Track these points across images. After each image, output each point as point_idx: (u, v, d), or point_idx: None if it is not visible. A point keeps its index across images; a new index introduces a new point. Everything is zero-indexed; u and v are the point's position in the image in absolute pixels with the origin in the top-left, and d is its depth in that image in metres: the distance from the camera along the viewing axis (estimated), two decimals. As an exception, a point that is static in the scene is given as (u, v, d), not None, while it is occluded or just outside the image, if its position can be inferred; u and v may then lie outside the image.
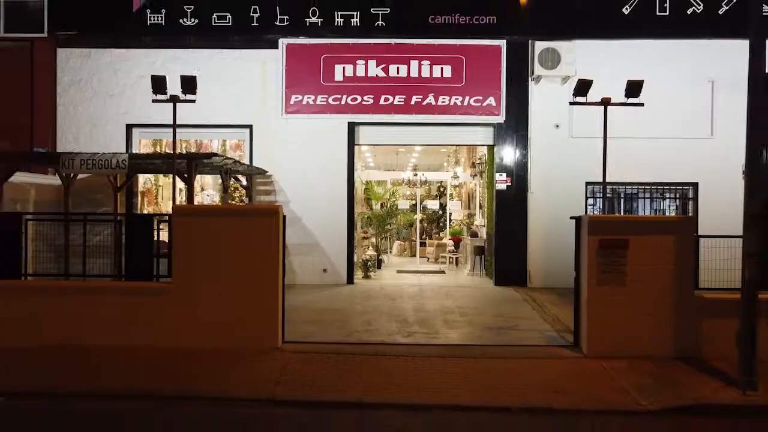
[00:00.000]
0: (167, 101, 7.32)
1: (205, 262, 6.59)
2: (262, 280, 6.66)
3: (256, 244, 6.65)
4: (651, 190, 11.80)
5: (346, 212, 11.55)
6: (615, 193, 11.80)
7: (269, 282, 6.69)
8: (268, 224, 6.69)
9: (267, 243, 6.66)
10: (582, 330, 6.77)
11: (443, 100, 11.37)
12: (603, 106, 7.55)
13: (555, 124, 11.39)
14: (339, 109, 11.42)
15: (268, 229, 6.68)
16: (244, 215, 6.72)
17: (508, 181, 11.45)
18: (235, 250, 6.63)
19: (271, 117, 11.47)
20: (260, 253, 6.65)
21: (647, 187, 11.71)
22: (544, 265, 11.40)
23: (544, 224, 11.40)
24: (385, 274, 13.28)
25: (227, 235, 6.64)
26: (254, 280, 6.64)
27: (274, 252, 6.68)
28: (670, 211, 11.99)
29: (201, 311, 6.58)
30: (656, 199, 12.02)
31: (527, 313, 9.02)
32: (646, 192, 11.82)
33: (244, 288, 6.62)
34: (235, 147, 12.32)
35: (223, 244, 6.63)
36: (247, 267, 6.62)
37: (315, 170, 11.47)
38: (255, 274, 6.64)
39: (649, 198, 12.00)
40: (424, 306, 9.40)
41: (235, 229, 6.66)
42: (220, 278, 6.60)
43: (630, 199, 11.98)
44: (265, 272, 6.67)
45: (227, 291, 6.60)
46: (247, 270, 6.62)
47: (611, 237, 6.51)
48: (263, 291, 6.67)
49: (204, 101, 11.38)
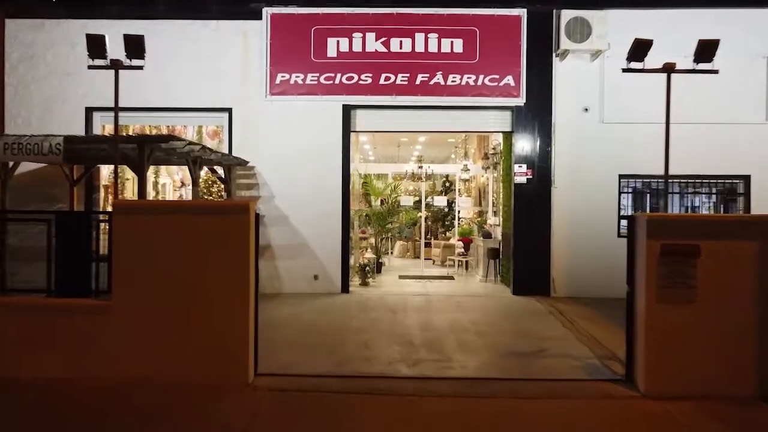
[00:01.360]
0: (107, 68, 5.96)
1: (154, 272, 5.25)
2: (229, 295, 5.32)
3: (221, 250, 5.30)
4: (693, 184, 10.43)
5: (341, 209, 10.20)
6: (648, 187, 10.44)
7: (237, 297, 5.34)
8: (237, 224, 5.34)
9: (235, 248, 5.31)
10: (637, 360, 5.42)
11: (453, 79, 10.00)
12: (666, 73, 6.16)
13: (583, 107, 10.02)
14: (332, 90, 10.06)
15: (236, 231, 5.33)
16: (205, 213, 5.38)
17: (528, 174, 10.08)
18: (193, 256, 5.29)
19: (253, 99, 10.12)
20: (226, 261, 5.30)
21: (688, 181, 10.34)
22: (570, 271, 10.05)
23: (569, 223, 10.05)
24: (385, 280, 11.93)
25: (184, 239, 5.30)
26: (218, 294, 5.29)
27: (244, 259, 5.33)
28: (708, 209, 10.63)
29: (147, 336, 5.24)
30: (687, 195, 10.65)
31: (557, 331, 7.66)
32: (689, 187, 10.45)
33: (205, 305, 5.28)
34: (213, 134, 10.97)
35: (178, 250, 5.28)
36: (208, 278, 5.28)
37: (304, 161, 10.13)
38: (219, 288, 5.30)
39: (679, 193, 10.65)
40: (431, 321, 8.04)
41: (195, 231, 5.31)
42: (174, 292, 5.26)
43: (664, 194, 10.61)
44: (232, 285, 5.32)
45: (182, 309, 5.26)
46: (208, 282, 5.28)
47: (677, 242, 5.15)
48: (229, 309, 5.32)
49: (176, 81, 10.10)
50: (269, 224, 10.14)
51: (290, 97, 10.07)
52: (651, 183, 10.35)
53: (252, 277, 5.45)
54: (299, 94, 10.07)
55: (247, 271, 5.36)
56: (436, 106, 10.15)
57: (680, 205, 10.81)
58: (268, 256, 10.10)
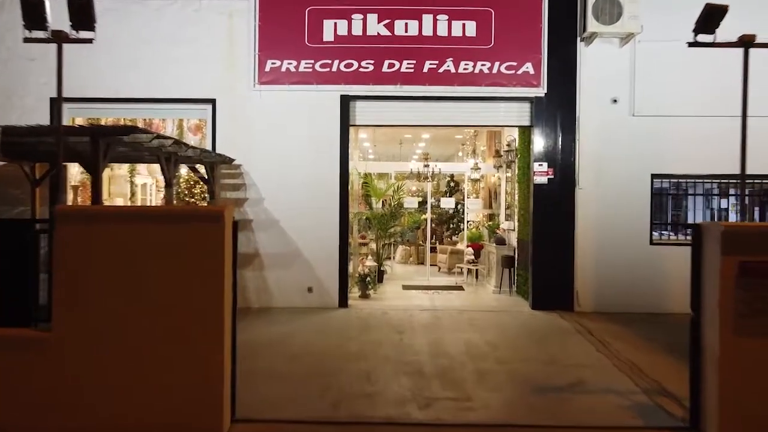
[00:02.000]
0: (47, 41, 4.93)
1: (102, 294, 4.24)
2: (198, 323, 4.30)
3: (189, 265, 4.29)
4: (727, 185, 9.44)
5: (339, 212, 9.19)
6: (679, 188, 9.44)
7: (209, 325, 4.33)
8: (208, 235, 4.33)
9: (205, 264, 4.30)
10: (707, 404, 4.41)
11: (466, 66, 8.99)
12: (743, 47, 5.12)
13: (612, 98, 9.02)
14: (329, 79, 9.05)
15: (207, 243, 4.31)
16: (168, 222, 4.37)
17: (550, 173, 9.07)
18: (153, 275, 4.27)
19: (240, 89, 9.10)
20: (194, 280, 4.29)
21: (723, 181, 9.33)
22: (596, 283, 9.05)
23: (596, 229, 9.05)
24: (387, 290, 10.92)
25: (142, 253, 4.29)
26: (184, 322, 4.28)
27: (217, 277, 4.32)
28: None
29: (94, 375, 4.23)
30: (713, 197, 9.66)
31: (590, 356, 6.65)
32: (728, 188, 9.46)
33: (167, 336, 4.27)
34: (196, 129, 9.98)
35: (134, 268, 4.27)
36: (172, 302, 4.27)
37: (298, 159, 9.12)
38: (186, 314, 4.28)
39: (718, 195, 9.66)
40: (442, 343, 7.04)
41: (155, 244, 4.30)
42: (128, 320, 4.24)
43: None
44: (202, 310, 4.31)
45: (139, 341, 4.25)
46: (171, 307, 4.27)
47: (763, 259, 4.15)
48: (199, 340, 4.31)
49: (153, 69, 9.10)
50: (257, 229, 9.13)
51: (281, 87, 9.06)
52: (684, 183, 9.33)
53: (228, 300, 4.43)
54: (292, 84, 9.06)
55: (221, 293, 4.35)
56: (445, 97, 9.14)
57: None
58: (256, 266, 9.09)
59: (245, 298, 9.07)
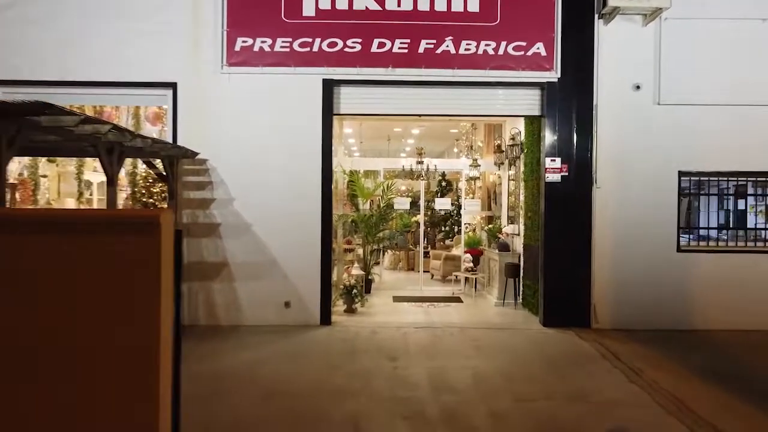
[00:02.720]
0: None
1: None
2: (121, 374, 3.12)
3: (108, 291, 3.10)
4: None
5: (321, 215, 8.05)
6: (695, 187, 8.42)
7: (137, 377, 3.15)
8: (137, 250, 3.15)
9: (134, 286, 3.12)
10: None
11: (467, 46, 7.90)
12: None
13: (634, 84, 7.97)
14: (309, 60, 7.91)
15: (134, 260, 3.14)
16: (79, 232, 3.20)
17: (563, 170, 8.00)
18: (59, 304, 3.08)
19: (205, 71, 7.93)
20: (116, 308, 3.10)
21: (761, 179, 8.35)
22: (616, 296, 8.01)
23: (616, 234, 8.01)
24: (376, 303, 9.78)
25: (45, 275, 3.10)
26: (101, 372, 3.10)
27: (149, 303, 3.13)
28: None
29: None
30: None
31: (624, 389, 5.57)
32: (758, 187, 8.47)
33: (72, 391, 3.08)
34: (155, 118, 8.76)
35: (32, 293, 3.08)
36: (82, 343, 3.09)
37: (273, 153, 7.97)
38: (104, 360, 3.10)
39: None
40: (446, 375, 5.92)
41: (63, 261, 3.11)
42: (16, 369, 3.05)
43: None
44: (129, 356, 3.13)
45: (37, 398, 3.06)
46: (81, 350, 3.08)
47: None
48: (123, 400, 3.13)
49: (103, 47, 7.89)
50: (226, 235, 7.95)
51: (254, 69, 7.89)
52: (711, 182, 8.32)
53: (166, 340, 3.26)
54: (266, 66, 7.89)
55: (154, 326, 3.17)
56: (444, 82, 8.04)
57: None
58: (224, 277, 7.92)
59: (212, 315, 7.90)
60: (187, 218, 7.92)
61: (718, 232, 8.40)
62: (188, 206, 7.95)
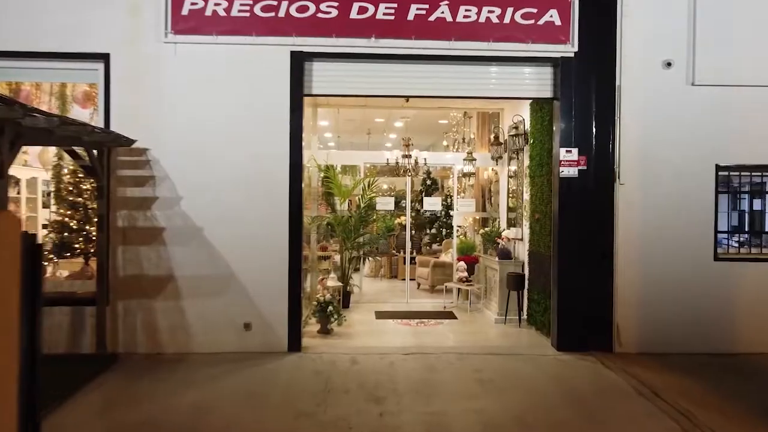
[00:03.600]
0: None
1: None
2: None
3: None
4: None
5: (289, 217, 6.70)
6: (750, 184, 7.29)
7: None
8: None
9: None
10: None
11: (467, 13, 6.63)
12: None
13: (665, 60, 6.78)
14: (275, 28, 6.56)
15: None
16: None
17: (581, 163, 6.78)
18: None
19: (145, 41, 6.53)
20: None
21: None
22: (642, 314, 6.80)
23: (642, 239, 6.81)
24: (356, 321, 8.45)
25: None
26: None
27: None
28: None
29: None
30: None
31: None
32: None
33: None
34: (85, 99, 7.33)
35: None
36: None
37: (230, 142, 6.61)
38: None
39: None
40: (446, 423, 4.63)
41: None
42: None
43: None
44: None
45: None
46: None
47: None
48: None
49: (18, 10, 6.46)
50: (171, 242, 6.56)
51: (206, 38, 6.53)
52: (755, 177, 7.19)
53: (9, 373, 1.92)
54: (221, 34, 6.53)
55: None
56: (438, 56, 6.76)
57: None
58: (169, 294, 6.53)
59: (153, 341, 6.51)
60: (123, 221, 6.52)
61: (761, 236, 7.26)
62: (124, 206, 6.54)
